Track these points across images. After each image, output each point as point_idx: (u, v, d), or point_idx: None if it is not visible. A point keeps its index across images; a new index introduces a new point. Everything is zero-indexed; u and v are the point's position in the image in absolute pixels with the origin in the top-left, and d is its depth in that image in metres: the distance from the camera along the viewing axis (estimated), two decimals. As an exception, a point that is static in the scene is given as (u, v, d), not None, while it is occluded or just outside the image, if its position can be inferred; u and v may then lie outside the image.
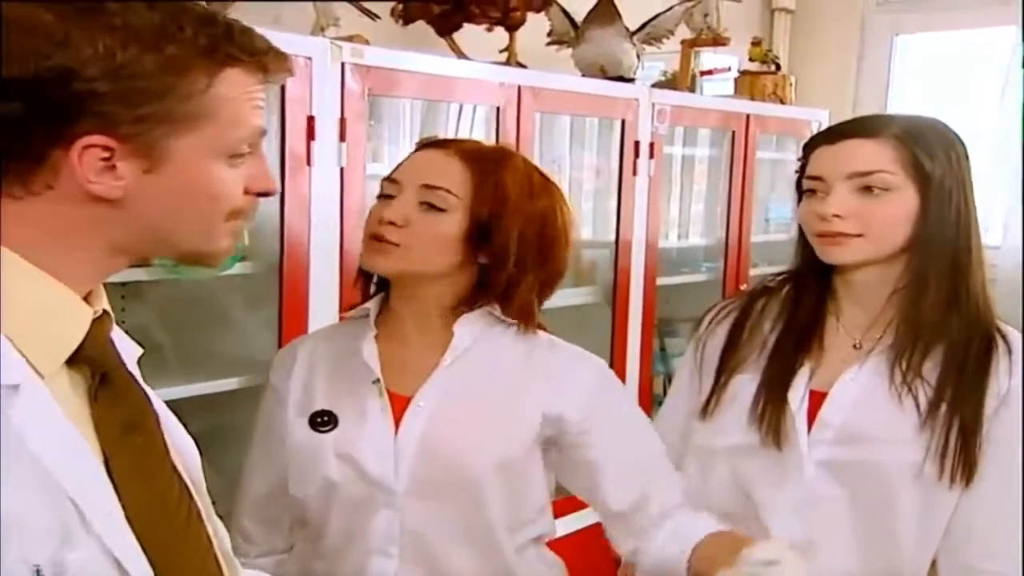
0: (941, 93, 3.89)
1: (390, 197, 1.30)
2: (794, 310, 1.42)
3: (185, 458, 0.96)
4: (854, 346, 1.39)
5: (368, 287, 1.39)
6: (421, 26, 2.49)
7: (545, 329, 1.39)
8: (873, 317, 1.37)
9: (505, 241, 1.29)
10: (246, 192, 0.88)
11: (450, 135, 2.52)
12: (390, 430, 1.29)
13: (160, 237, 0.86)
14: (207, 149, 0.83)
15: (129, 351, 0.95)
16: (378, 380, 1.31)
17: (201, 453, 1.24)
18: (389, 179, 1.32)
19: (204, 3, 1.92)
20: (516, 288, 1.32)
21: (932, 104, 3.88)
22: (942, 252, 1.32)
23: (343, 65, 1.98)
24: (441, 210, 1.27)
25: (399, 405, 1.30)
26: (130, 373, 0.90)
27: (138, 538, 0.82)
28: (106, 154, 0.78)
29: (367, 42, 2.11)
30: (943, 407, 1.31)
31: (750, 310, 1.47)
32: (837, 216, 1.31)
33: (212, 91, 0.81)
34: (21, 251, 0.80)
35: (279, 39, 2.08)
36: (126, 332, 0.97)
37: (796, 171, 1.42)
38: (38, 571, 0.74)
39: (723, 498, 1.42)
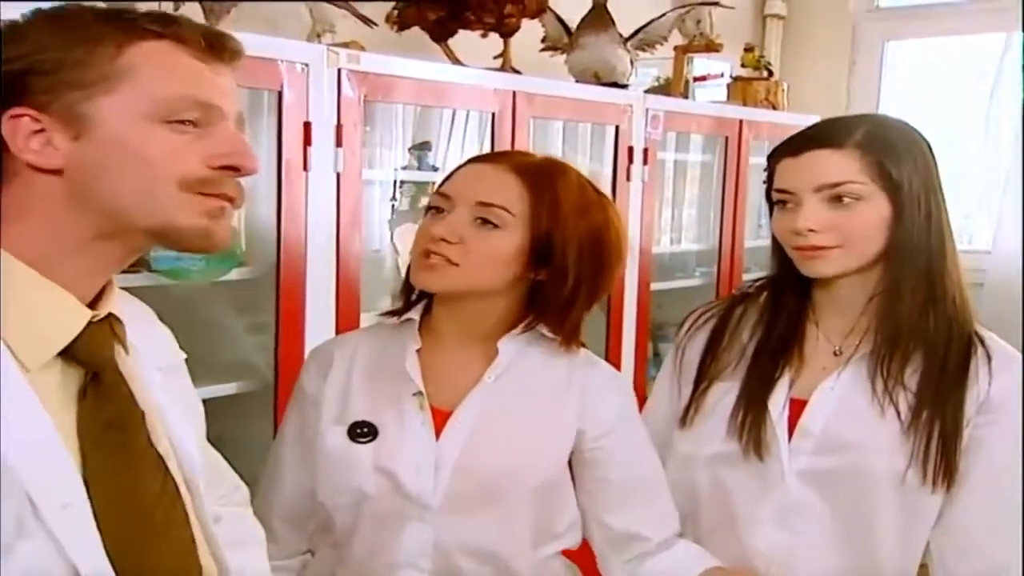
0: (932, 99, 3.91)
1: (440, 211, 1.27)
2: (773, 317, 1.41)
3: (180, 456, 0.98)
4: (834, 353, 1.38)
5: (410, 294, 1.35)
6: (416, 32, 2.50)
7: (584, 345, 1.38)
8: (852, 323, 1.37)
9: (564, 259, 1.26)
10: (211, 167, 0.91)
11: (443, 141, 2.54)
12: (431, 445, 1.27)
13: (113, 209, 0.89)
14: (132, 111, 0.88)
15: (163, 355, 1.03)
16: (420, 393, 1.28)
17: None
18: (439, 194, 1.28)
19: (202, 6, 1.92)
20: (572, 306, 1.29)
21: (922, 110, 3.91)
22: (916, 256, 1.31)
23: (339, 71, 1.98)
24: (496, 227, 1.24)
25: (439, 419, 1.28)
26: (120, 373, 0.93)
27: (104, 534, 0.86)
28: (36, 126, 0.86)
29: (363, 48, 2.12)
30: (923, 410, 1.31)
31: (729, 317, 1.46)
32: (812, 231, 1.30)
33: (123, 58, 0.88)
34: (20, 256, 0.87)
35: (276, 45, 2.08)
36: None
37: (764, 181, 1.42)
38: None
39: (704, 507, 1.42)
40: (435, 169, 2.49)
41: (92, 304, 0.92)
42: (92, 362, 0.91)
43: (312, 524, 1.37)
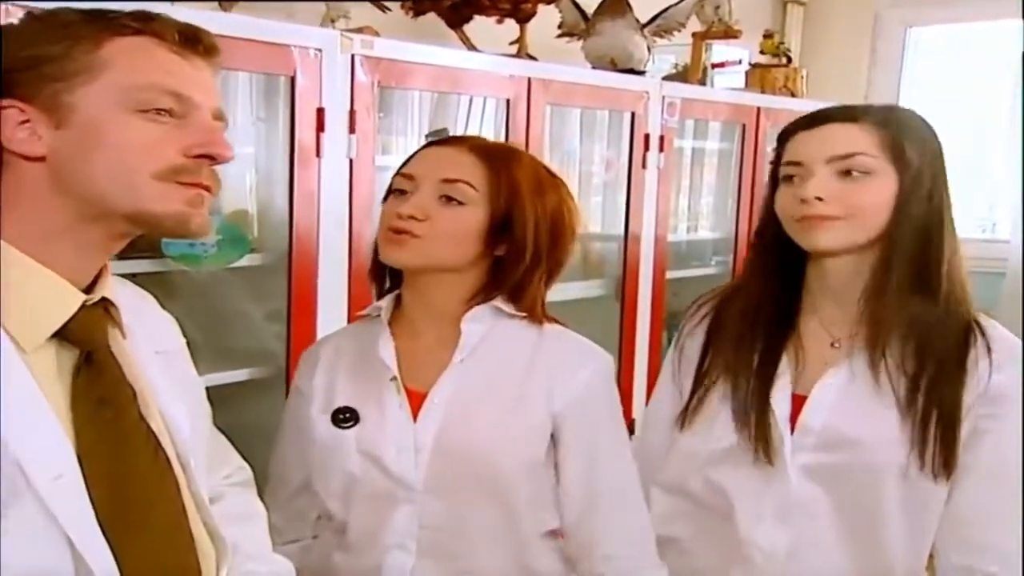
0: (954, 86, 3.87)
1: (404, 192, 1.31)
2: (770, 310, 1.39)
3: (173, 434, 1.04)
4: (831, 345, 1.37)
5: (382, 285, 1.41)
6: (432, 18, 2.49)
7: (557, 321, 1.40)
8: (848, 313, 1.34)
9: (523, 234, 1.31)
10: (187, 156, 0.95)
11: (460, 128, 2.53)
12: (409, 426, 1.31)
13: (91, 194, 0.93)
14: (110, 100, 0.93)
15: (162, 340, 1.10)
16: (395, 378, 1.32)
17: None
18: (402, 175, 1.33)
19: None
20: (529, 280, 1.34)
21: (945, 97, 3.86)
22: (913, 238, 1.30)
23: (353, 57, 1.97)
24: (460, 203, 1.29)
25: (416, 401, 1.32)
26: (111, 353, 0.99)
27: (96, 505, 0.91)
28: (22, 116, 0.92)
29: (377, 34, 2.11)
30: (920, 399, 1.29)
31: (726, 312, 1.45)
32: (819, 199, 1.29)
33: (101, 52, 0.93)
34: (12, 242, 0.92)
35: (289, 31, 2.07)
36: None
37: (771, 162, 1.41)
38: None
39: (704, 504, 1.41)
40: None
41: (88, 290, 0.97)
42: (85, 343, 0.96)
43: (315, 513, 1.40)
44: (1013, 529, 1.29)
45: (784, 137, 1.38)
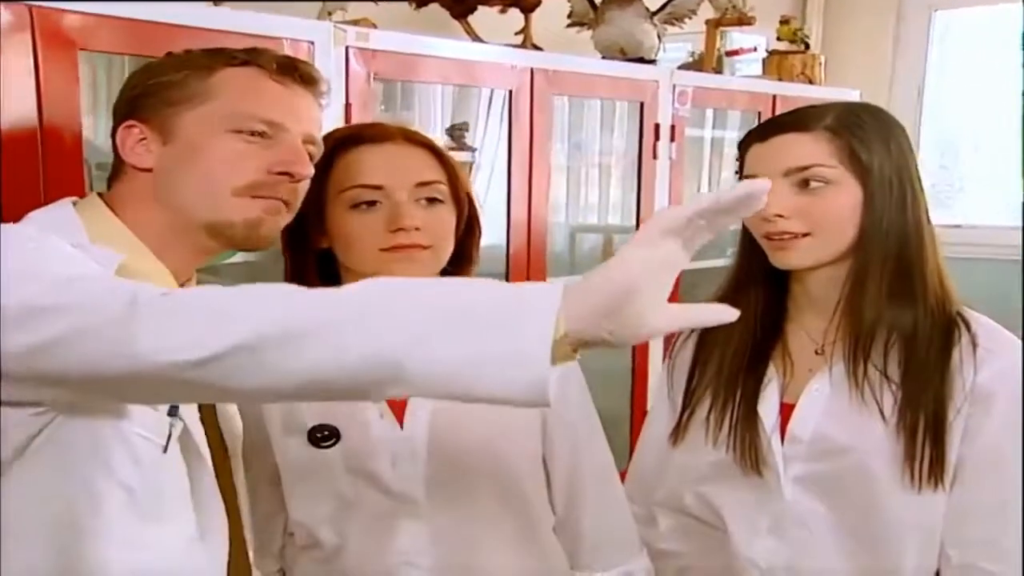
0: (982, 71, 3.77)
1: (373, 204, 1.23)
2: (755, 321, 1.35)
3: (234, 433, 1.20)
4: (816, 352, 1.33)
5: (326, 282, 1.31)
6: (436, 9, 2.46)
7: None
8: (830, 320, 1.30)
9: (472, 209, 1.32)
10: (269, 172, 1.05)
11: (481, 122, 2.50)
12: (397, 435, 1.23)
13: (179, 204, 1.05)
14: (209, 123, 1.05)
15: None
16: None
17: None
18: (365, 186, 1.23)
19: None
20: (474, 250, 1.35)
21: (973, 82, 3.77)
22: (887, 243, 1.25)
23: (347, 49, 1.95)
24: (441, 201, 1.26)
25: (397, 408, 1.25)
26: None
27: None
28: (140, 135, 1.07)
29: (374, 26, 2.08)
30: (906, 406, 1.25)
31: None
32: (780, 216, 1.25)
33: (212, 80, 1.06)
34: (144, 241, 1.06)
35: (280, 24, 2.04)
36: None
37: (736, 171, 1.37)
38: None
39: (699, 519, 1.39)
40: (473, 150, 2.46)
41: None
42: None
43: (278, 544, 1.34)
44: (1013, 525, 1.25)
45: (742, 148, 1.34)
